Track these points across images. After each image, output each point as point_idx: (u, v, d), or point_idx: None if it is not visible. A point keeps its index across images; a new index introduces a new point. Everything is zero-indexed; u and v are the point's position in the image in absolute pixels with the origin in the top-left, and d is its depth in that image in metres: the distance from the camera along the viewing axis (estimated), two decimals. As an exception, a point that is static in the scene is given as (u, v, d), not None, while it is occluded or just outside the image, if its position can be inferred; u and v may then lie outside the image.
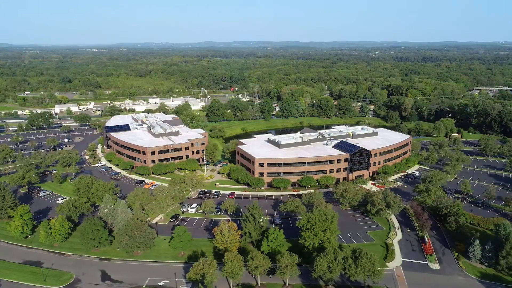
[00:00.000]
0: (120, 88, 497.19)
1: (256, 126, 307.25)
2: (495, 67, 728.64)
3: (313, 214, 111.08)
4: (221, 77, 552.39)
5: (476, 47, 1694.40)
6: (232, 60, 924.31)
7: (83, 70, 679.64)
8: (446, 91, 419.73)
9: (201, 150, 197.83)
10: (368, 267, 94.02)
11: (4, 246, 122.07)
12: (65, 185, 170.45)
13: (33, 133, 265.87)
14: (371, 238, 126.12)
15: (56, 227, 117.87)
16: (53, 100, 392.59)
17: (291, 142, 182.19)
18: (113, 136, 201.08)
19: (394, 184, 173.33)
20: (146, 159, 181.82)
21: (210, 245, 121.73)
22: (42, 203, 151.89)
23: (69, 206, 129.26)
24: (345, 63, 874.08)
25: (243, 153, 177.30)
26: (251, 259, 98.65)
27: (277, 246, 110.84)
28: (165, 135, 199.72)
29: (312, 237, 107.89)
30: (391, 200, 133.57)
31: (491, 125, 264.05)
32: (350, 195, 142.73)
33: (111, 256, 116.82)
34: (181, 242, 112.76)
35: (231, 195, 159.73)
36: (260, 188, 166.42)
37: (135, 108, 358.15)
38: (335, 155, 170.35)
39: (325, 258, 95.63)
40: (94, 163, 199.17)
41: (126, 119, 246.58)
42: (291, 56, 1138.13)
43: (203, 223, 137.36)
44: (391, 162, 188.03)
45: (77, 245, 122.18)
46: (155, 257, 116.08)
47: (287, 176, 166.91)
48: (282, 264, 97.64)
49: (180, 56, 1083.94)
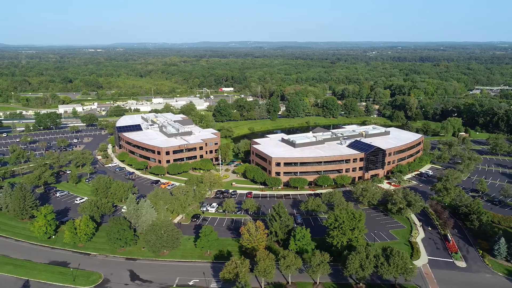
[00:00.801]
0: (122, 88, 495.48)
1: (263, 126, 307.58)
2: (493, 67, 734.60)
3: (341, 213, 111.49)
4: (223, 77, 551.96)
5: (472, 47, 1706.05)
6: (230, 60, 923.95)
7: (82, 70, 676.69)
8: (448, 91, 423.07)
9: (214, 150, 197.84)
10: (401, 265, 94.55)
11: (28, 246, 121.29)
12: (80, 186, 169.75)
13: (40, 133, 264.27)
14: (394, 237, 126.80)
15: (81, 227, 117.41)
16: (56, 101, 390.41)
17: (305, 142, 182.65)
18: (126, 136, 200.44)
19: (409, 183, 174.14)
20: (161, 159, 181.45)
21: (235, 244, 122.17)
22: (60, 204, 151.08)
23: (91, 206, 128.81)
24: (343, 63, 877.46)
25: (258, 153, 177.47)
26: (283, 258, 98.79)
27: (304, 245, 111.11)
28: (178, 135, 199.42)
29: (340, 236, 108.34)
30: (412, 198, 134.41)
31: (498, 124, 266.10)
32: (370, 194, 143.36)
33: (137, 256, 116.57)
34: (208, 241, 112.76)
35: (248, 195, 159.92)
36: (277, 188, 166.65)
37: (139, 108, 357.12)
38: (351, 154, 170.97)
39: (357, 257, 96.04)
40: (107, 163, 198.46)
41: (136, 119, 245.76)
42: (289, 56, 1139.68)
43: (224, 223, 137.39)
44: (404, 161, 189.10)
45: (101, 245, 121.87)
46: (182, 257, 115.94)
47: (304, 175, 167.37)
48: (314, 262, 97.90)
49: (178, 56, 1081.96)
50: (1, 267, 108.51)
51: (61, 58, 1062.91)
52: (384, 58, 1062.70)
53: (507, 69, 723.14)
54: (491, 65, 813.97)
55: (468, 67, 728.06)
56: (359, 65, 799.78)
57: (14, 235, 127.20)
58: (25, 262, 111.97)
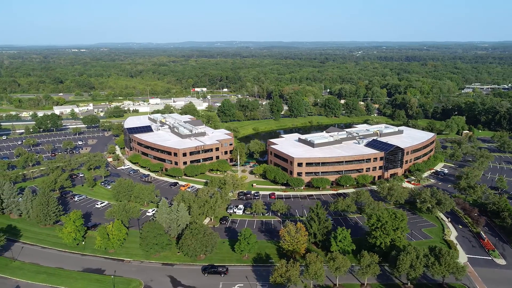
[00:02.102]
0: (115, 88, 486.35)
1: (267, 126, 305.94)
2: (479, 66, 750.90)
3: (382, 213, 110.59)
4: (217, 77, 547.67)
5: (454, 46, 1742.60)
6: (220, 60, 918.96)
7: (70, 70, 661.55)
8: (443, 90, 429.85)
9: (229, 151, 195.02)
10: (452, 264, 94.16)
11: (57, 253, 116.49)
12: (97, 189, 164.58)
13: (41, 135, 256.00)
14: (427, 236, 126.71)
15: (114, 232, 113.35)
16: (50, 102, 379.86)
17: (324, 142, 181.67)
18: (138, 137, 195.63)
19: (428, 182, 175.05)
20: (177, 160, 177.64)
21: (272, 246, 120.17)
22: (80, 208, 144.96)
23: (120, 210, 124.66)
24: (332, 62, 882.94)
25: (277, 153, 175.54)
26: (332, 260, 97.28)
27: (346, 246, 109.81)
28: (192, 136, 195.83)
29: (383, 236, 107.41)
30: (442, 197, 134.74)
31: (500, 122, 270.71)
32: (397, 193, 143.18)
33: (173, 261, 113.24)
34: (248, 244, 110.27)
35: (272, 196, 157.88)
36: (299, 188, 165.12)
37: (138, 109, 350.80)
38: (371, 153, 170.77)
39: (408, 257, 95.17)
40: (119, 166, 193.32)
41: (143, 120, 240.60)
42: (278, 56, 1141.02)
43: (254, 225, 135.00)
44: (420, 159, 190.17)
45: (133, 251, 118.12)
46: (219, 261, 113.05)
47: (325, 175, 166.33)
48: (363, 263, 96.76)
49: (166, 56, 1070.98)
50: (34, 277, 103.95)
51: (45, 58, 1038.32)
52: (372, 58, 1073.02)
53: (493, 68, 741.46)
54: (476, 64, 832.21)
55: (455, 66, 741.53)
56: (349, 64, 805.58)
57: (39, 242, 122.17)
58: (58, 270, 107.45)
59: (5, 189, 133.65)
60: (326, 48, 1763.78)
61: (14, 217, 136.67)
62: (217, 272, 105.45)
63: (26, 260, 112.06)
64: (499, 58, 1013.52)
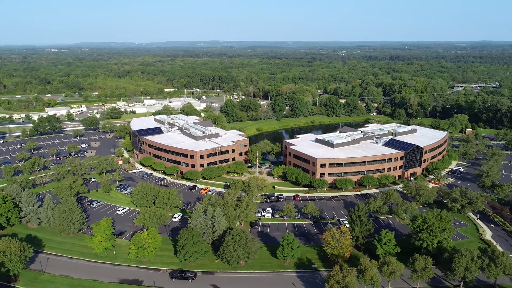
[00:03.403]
0: (105, 89, 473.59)
1: (270, 126, 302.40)
2: (464, 65, 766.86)
3: (427, 214, 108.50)
4: (209, 77, 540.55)
5: (434, 46, 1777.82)
6: (208, 60, 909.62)
7: (55, 71, 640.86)
8: (436, 89, 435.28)
9: (244, 152, 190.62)
10: (509, 265, 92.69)
11: (87, 264, 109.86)
12: (113, 194, 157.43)
13: (40, 139, 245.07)
14: (463, 236, 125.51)
15: (149, 240, 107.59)
16: (41, 103, 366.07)
17: (343, 142, 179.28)
18: (149, 139, 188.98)
19: (447, 180, 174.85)
20: (194, 163, 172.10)
21: (311, 250, 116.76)
22: (100, 215, 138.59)
23: (150, 216, 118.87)
24: (320, 62, 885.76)
25: (298, 154, 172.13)
26: (386, 265, 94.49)
27: (391, 249, 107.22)
28: (206, 138, 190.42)
29: (431, 238, 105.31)
30: (473, 196, 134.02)
31: (501, 120, 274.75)
32: (427, 192, 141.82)
33: (212, 268, 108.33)
34: (292, 250, 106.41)
35: (297, 198, 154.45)
36: (322, 189, 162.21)
37: (135, 110, 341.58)
38: (392, 153, 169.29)
39: (463, 259, 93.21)
40: (130, 169, 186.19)
41: (148, 121, 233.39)
42: (263, 56, 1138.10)
43: (286, 228, 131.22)
44: (435, 158, 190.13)
45: (167, 259, 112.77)
46: (261, 267, 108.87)
47: (347, 176, 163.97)
48: (418, 267, 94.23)
49: (151, 56, 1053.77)
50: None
51: (25, 58, 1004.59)
52: (357, 58, 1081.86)
53: (476, 66, 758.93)
54: (459, 63, 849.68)
55: (441, 65, 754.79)
56: (337, 64, 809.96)
57: (65, 252, 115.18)
58: (93, 282, 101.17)
59: (23, 197, 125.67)
60: (310, 48, 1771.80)
61: (32, 226, 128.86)
62: (185, 277, 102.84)
63: (55, 273, 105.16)
64: (480, 57, 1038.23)
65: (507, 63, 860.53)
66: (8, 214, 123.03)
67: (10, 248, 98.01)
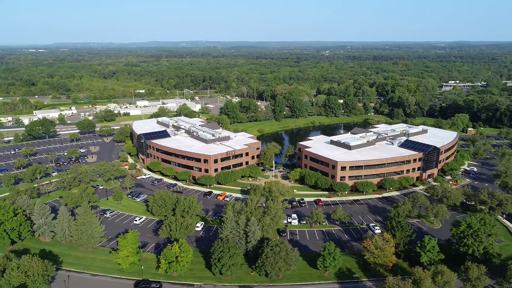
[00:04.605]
0: (93, 90, 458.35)
1: (272, 128, 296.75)
2: (448, 65, 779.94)
3: (471, 219, 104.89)
4: (199, 78, 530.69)
5: (414, 46, 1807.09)
6: (194, 60, 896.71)
7: (37, 72, 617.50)
8: (428, 88, 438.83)
9: (256, 155, 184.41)
10: None
11: (113, 281, 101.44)
12: (125, 202, 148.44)
13: (33, 143, 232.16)
14: (499, 239, 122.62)
15: (181, 254, 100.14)
16: (28, 106, 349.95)
17: (359, 143, 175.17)
18: (157, 143, 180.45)
19: (464, 181, 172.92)
20: (208, 167, 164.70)
21: (350, 259, 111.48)
22: (116, 226, 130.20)
23: (177, 227, 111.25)
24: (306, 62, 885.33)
25: (316, 157, 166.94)
26: (440, 275, 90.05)
27: (435, 256, 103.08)
28: (217, 141, 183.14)
29: (477, 244, 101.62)
30: (503, 197, 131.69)
31: (501, 119, 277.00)
32: (454, 194, 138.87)
33: (249, 282, 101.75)
34: (334, 260, 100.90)
35: (319, 203, 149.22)
36: (343, 193, 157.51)
37: (130, 112, 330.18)
38: (411, 154, 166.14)
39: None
40: (138, 175, 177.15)
41: (150, 124, 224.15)
42: (248, 56, 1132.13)
43: (316, 235, 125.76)
44: (449, 159, 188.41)
45: (198, 272, 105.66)
46: (300, 279, 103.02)
47: (367, 178, 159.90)
48: (472, 275, 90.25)
49: (135, 56, 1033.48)
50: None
51: (1, 58, 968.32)
52: (341, 57, 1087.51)
53: (460, 66, 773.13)
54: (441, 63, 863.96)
55: (426, 65, 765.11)
56: (324, 64, 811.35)
57: (87, 269, 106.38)
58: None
59: (35, 208, 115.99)
60: (293, 48, 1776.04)
61: (45, 240, 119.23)
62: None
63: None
64: (460, 57, 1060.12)
65: (488, 63, 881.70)
66: (20, 228, 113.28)
67: (33, 268, 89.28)
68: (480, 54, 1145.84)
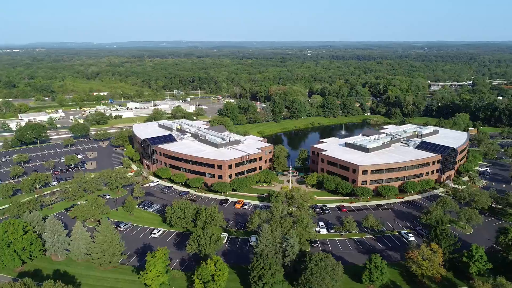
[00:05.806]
0: (78, 92, 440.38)
1: (271, 129, 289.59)
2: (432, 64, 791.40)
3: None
4: (188, 78, 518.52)
5: (394, 46, 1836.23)
6: (179, 61, 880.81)
7: (16, 73, 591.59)
8: (419, 87, 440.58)
9: (268, 160, 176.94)
10: None
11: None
12: (137, 213, 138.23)
13: (24, 149, 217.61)
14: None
15: (217, 272, 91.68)
16: (12, 109, 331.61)
17: (376, 146, 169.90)
18: (164, 149, 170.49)
19: (482, 183, 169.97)
20: (222, 174, 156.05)
21: (392, 271, 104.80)
22: (132, 240, 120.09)
23: (207, 242, 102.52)
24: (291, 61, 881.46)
25: (333, 161, 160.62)
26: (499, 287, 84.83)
27: (483, 265, 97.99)
28: (228, 145, 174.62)
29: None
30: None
31: (500, 118, 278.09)
32: (482, 198, 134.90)
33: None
34: (382, 274, 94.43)
35: (343, 209, 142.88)
36: (364, 198, 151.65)
37: (122, 115, 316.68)
38: (431, 156, 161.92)
39: None
40: (145, 182, 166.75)
41: (151, 127, 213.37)
42: (231, 56, 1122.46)
43: (349, 245, 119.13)
44: (463, 160, 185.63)
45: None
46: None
47: (388, 182, 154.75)
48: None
49: (117, 56, 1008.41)
50: None
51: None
52: (324, 57, 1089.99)
53: (443, 65, 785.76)
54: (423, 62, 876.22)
55: (411, 65, 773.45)
56: (311, 64, 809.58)
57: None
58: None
59: (48, 225, 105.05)
60: (276, 47, 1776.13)
61: (57, 258, 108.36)
62: None
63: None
64: (440, 56, 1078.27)
65: (467, 62, 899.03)
66: (31, 248, 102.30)
67: (58, 295, 79.12)
68: (459, 54, 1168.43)
